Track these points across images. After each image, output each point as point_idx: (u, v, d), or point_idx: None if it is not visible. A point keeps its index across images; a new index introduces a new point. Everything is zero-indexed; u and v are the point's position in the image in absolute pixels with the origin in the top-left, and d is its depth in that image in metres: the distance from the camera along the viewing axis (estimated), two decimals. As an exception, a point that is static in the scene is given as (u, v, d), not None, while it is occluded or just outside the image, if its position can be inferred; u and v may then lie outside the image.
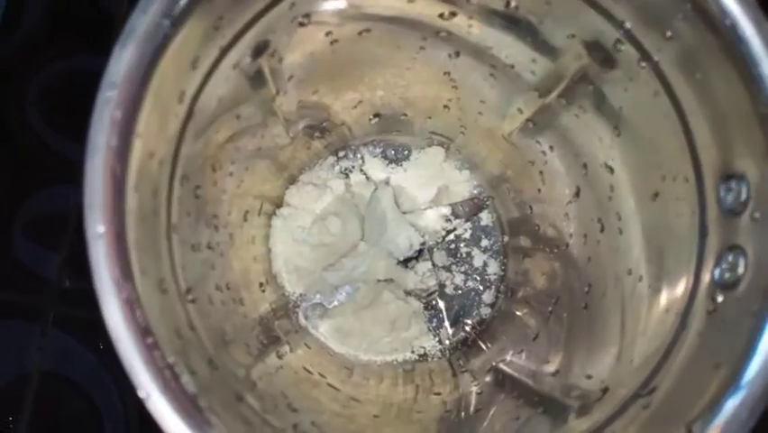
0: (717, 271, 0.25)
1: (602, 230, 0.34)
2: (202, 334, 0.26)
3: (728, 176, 0.25)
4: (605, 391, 0.28)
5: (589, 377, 0.30)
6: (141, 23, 0.22)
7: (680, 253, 0.28)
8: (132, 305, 0.21)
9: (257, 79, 0.31)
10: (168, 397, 0.21)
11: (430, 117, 0.42)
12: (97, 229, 0.21)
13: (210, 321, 0.28)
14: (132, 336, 0.21)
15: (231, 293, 0.33)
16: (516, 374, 0.36)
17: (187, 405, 0.21)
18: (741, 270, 0.24)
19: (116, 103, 0.21)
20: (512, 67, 0.35)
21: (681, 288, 0.27)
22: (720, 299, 0.25)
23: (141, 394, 0.20)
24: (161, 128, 0.24)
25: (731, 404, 0.22)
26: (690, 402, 0.23)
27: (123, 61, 0.22)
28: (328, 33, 0.32)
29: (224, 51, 0.26)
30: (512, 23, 0.31)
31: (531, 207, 0.41)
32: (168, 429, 0.21)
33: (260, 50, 0.29)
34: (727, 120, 0.25)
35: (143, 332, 0.21)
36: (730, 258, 0.25)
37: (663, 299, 0.28)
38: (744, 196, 0.25)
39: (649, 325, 0.29)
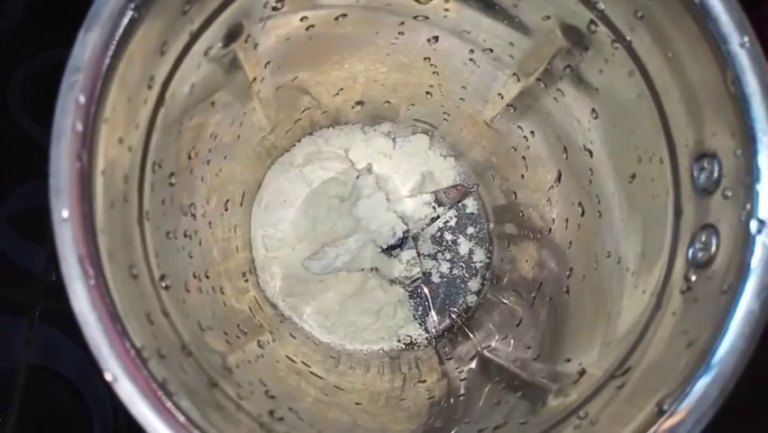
0: (690, 251, 0.25)
1: (582, 214, 0.34)
2: (176, 320, 0.26)
3: (701, 155, 0.25)
4: (582, 373, 0.28)
5: (567, 360, 0.30)
6: (105, 8, 0.22)
7: (656, 233, 0.28)
8: (99, 289, 0.21)
9: (231, 66, 0.30)
10: (134, 381, 0.21)
11: (413, 104, 0.42)
12: (62, 214, 0.21)
13: (186, 308, 0.28)
14: (98, 319, 0.20)
15: (210, 282, 0.33)
16: (499, 360, 0.36)
17: (155, 389, 0.21)
18: (714, 248, 0.24)
19: (81, 87, 0.21)
20: (491, 51, 0.35)
21: (657, 268, 0.27)
22: (694, 278, 0.25)
23: (107, 377, 0.20)
24: (130, 114, 0.24)
25: (702, 382, 0.22)
26: (661, 380, 0.23)
27: (87, 46, 0.22)
28: (303, 19, 0.32)
29: (195, 37, 0.26)
30: (488, 5, 0.31)
31: (515, 194, 0.41)
32: (135, 413, 0.21)
33: (232, 35, 0.29)
34: (699, 99, 0.25)
35: (110, 316, 0.21)
36: (703, 237, 0.25)
37: (640, 280, 0.28)
38: (716, 174, 0.25)
39: (626, 306, 0.29)
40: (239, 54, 0.30)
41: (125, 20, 0.22)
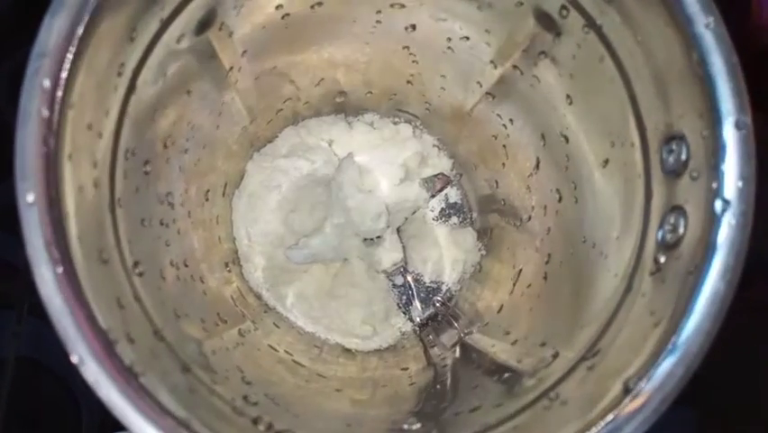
0: (660, 233, 0.26)
1: (560, 200, 0.35)
2: (149, 306, 0.26)
3: (670, 138, 0.25)
4: (555, 356, 0.28)
5: (542, 344, 0.30)
6: (71, -7, 0.22)
7: (628, 217, 0.28)
8: (65, 273, 0.21)
9: (207, 55, 0.31)
10: (100, 363, 0.21)
11: (395, 94, 0.42)
12: (27, 198, 0.21)
13: (161, 295, 0.28)
14: (64, 302, 0.21)
15: (189, 270, 0.33)
16: (479, 346, 0.36)
17: (123, 372, 0.21)
18: (682, 230, 0.24)
19: (45, 72, 0.22)
20: (467, 39, 0.35)
21: (628, 251, 0.27)
22: (663, 259, 0.25)
23: (74, 359, 0.21)
24: (99, 100, 0.24)
25: (668, 362, 0.22)
26: (629, 361, 0.23)
27: (52, 31, 0.22)
28: (278, 7, 0.32)
29: (165, 24, 0.26)
30: (462, -8, 0.31)
31: (497, 182, 0.41)
32: (101, 394, 0.21)
33: (205, 23, 0.29)
34: (667, 81, 0.25)
35: (76, 299, 0.21)
36: (672, 219, 0.25)
37: (613, 263, 0.28)
38: (684, 156, 0.25)
39: (599, 290, 0.29)
40: (214, 42, 0.30)
41: (91, 5, 0.22)
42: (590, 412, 0.23)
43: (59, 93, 0.22)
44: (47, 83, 0.21)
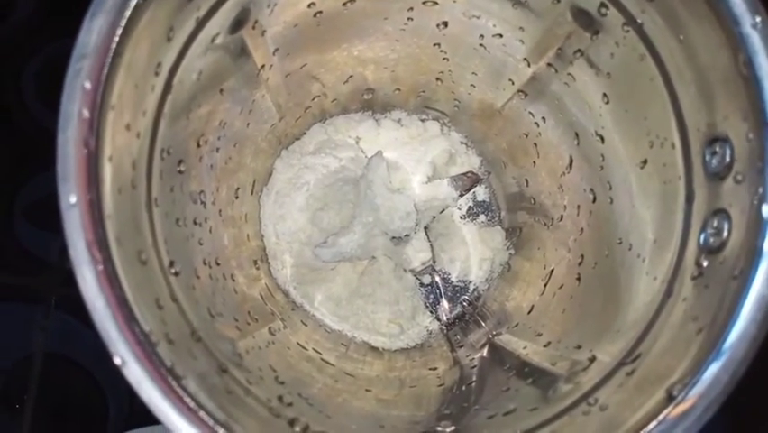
0: (702, 236, 0.25)
1: (594, 200, 0.34)
2: (185, 306, 0.26)
3: (713, 139, 0.25)
4: (592, 360, 0.28)
5: (578, 347, 0.30)
6: (111, -6, 0.22)
7: (667, 219, 0.27)
8: (106, 274, 0.21)
9: (240, 53, 0.30)
10: (143, 365, 0.21)
11: (424, 91, 0.42)
12: (70, 200, 0.21)
13: (196, 294, 0.28)
14: (106, 304, 0.21)
15: (221, 269, 0.33)
16: (509, 348, 0.36)
17: (164, 373, 0.21)
18: (725, 233, 0.24)
19: (86, 74, 0.21)
20: (500, 36, 0.34)
21: (669, 255, 0.27)
22: (705, 264, 0.25)
23: (116, 361, 0.21)
24: (137, 101, 0.24)
25: (713, 368, 0.22)
26: (671, 367, 0.23)
27: (92, 32, 0.22)
28: (311, 5, 0.32)
29: (201, 23, 0.26)
30: (497, -11, 0.31)
31: (527, 181, 0.41)
32: (144, 396, 0.21)
33: (239, 22, 0.29)
34: (711, 82, 0.25)
35: (118, 301, 0.21)
36: (715, 222, 0.25)
37: (651, 266, 0.28)
38: (728, 158, 0.24)
39: (636, 293, 0.28)
40: (247, 41, 0.30)
41: (131, 6, 0.22)
42: (632, 419, 0.23)
43: (100, 94, 0.22)
44: (88, 84, 0.21)
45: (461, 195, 0.43)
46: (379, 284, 0.42)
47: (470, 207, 0.44)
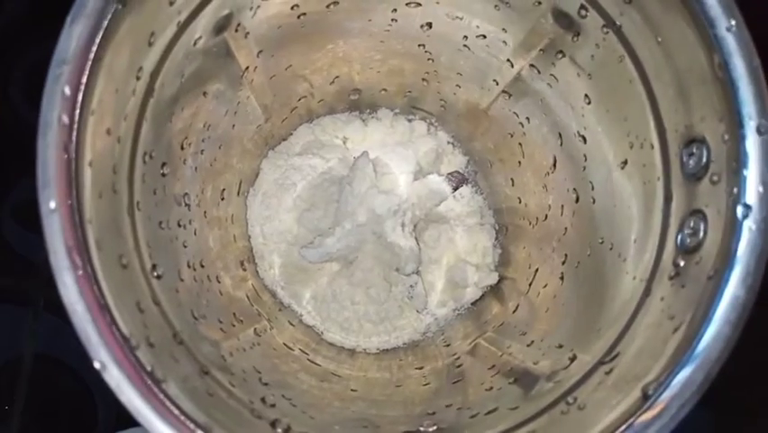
0: (679, 237, 0.25)
1: (577, 200, 0.34)
2: (167, 309, 0.26)
3: (690, 140, 0.25)
4: (573, 359, 0.28)
5: (560, 346, 0.30)
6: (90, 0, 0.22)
7: (647, 219, 0.28)
8: (87, 279, 0.21)
9: (223, 55, 0.31)
10: (122, 368, 0.21)
11: (410, 92, 0.42)
12: (50, 205, 0.21)
13: (179, 297, 0.28)
14: (86, 309, 0.21)
15: (205, 271, 0.33)
16: (494, 347, 0.36)
17: (143, 376, 0.21)
18: (702, 234, 0.24)
19: (66, 79, 0.22)
20: (484, 37, 0.34)
21: (648, 254, 0.27)
22: (682, 263, 0.25)
23: (96, 366, 0.21)
24: (118, 105, 0.24)
25: (687, 369, 0.22)
26: (647, 366, 0.23)
27: (72, 38, 0.22)
28: (294, 7, 0.32)
29: (183, 27, 0.26)
30: (479, -9, 0.31)
31: (513, 180, 0.41)
32: (123, 399, 0.21)
33: (222, 25, 0.29)
34: (688, 83, 0.25)
35: (98, 305, 0.21)
36: (692, 223, 0.25)
37: (631, 266, 0.28)
38: (704, 159, 0.24)
39: (618, 292, 0.29)
40: (230, 43, 0.30)
41: (110, 12, 0.22)
42: (608, 418, 0.23)
43: (80, 100, 0.22)
44: (67, 90, 0.21)
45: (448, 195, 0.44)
46: (367, 284, 0.43)
47: (457, 206, 0.44)
